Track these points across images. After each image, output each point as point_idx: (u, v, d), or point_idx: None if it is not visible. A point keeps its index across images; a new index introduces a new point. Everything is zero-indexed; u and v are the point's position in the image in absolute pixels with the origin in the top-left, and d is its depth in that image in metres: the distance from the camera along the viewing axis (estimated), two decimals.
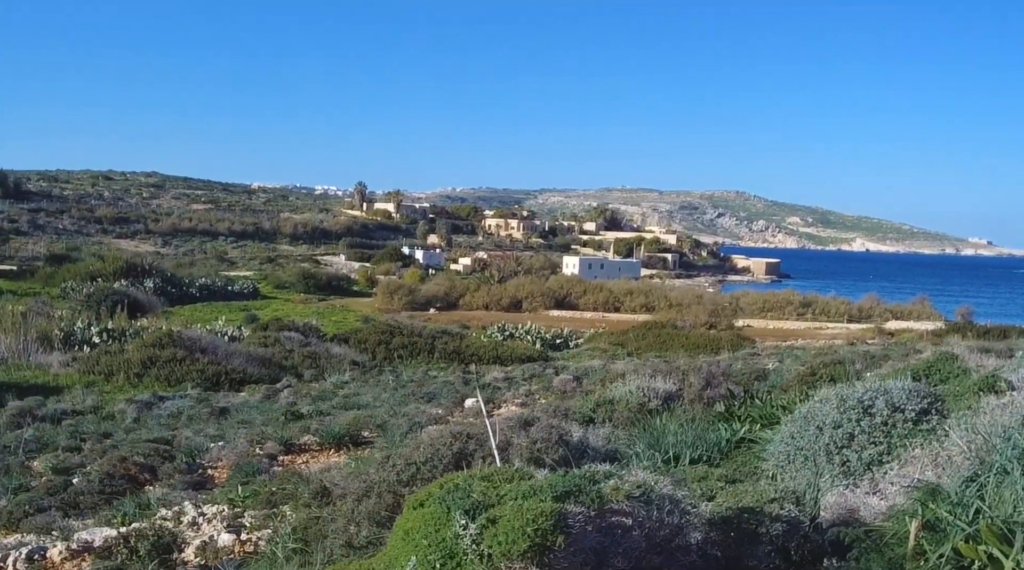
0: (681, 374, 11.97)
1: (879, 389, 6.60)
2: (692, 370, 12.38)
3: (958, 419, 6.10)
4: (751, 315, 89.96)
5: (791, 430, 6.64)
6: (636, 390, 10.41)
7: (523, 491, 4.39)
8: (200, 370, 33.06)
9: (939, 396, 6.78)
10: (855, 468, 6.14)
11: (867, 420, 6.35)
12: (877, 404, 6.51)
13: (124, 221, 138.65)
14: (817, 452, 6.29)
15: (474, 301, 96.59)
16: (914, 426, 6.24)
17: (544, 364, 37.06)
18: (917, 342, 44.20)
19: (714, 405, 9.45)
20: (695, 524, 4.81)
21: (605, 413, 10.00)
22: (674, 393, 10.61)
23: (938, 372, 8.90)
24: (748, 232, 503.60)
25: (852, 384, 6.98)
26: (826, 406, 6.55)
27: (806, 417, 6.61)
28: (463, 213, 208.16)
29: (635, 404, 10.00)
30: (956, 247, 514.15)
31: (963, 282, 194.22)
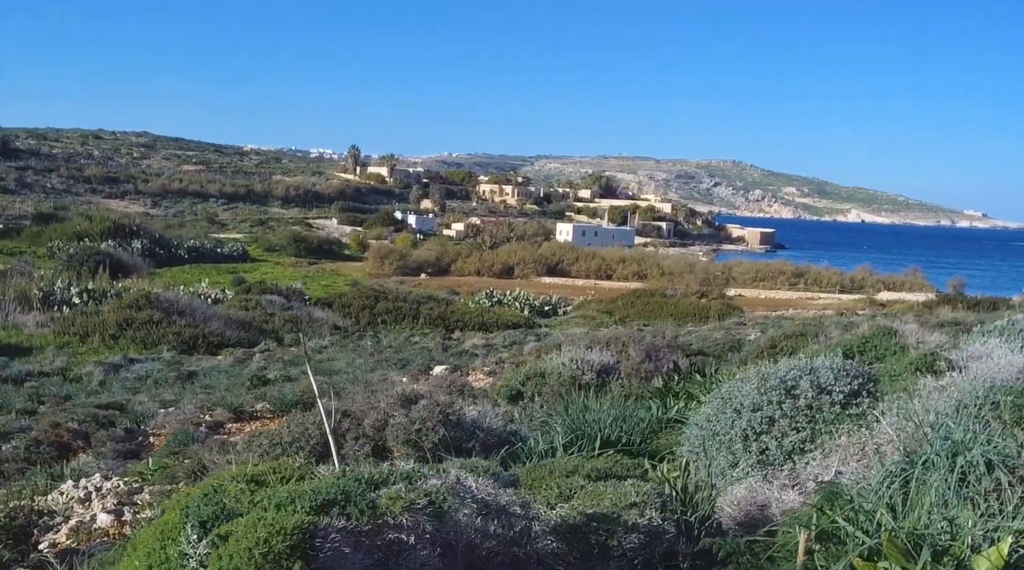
0: (621, 345, 11.27)
1: (804, 368, 5.90)
2: (633, 341, 11.68)
3: (891, 403, 5.41)
4: (743, 284, 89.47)
5: (708, 412, 5.95)
6: (569, 362, 9.70)
7: (279, 499, 3.57)
8: (177, 333, 32.51)
9: (872, 376, 6.06)
10: (774, 457, 5.40)
11: (790, 403, 5.67)
12: (801, 385, 5.79)
13: (113, 181, 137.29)
14: (733, 438, 5.58)
15: (465, 267, 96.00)
16: (842, 410, 5.57)
17: (527, 331, 36.49)
18: (905, 313, 43.71)
19: (653, 380, 8.71)
20: (528, 537, 4.01)
21: (535, 387, 9.36)
22: (612, 366, 9.91)
23: (874, 349, 8.09)
24: (744, 202, 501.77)
25: (802, 359, 6.32)
26: (746, 386, 5.83)
27: (724, 398, 5.90)
28: (457, 178, 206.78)
29: (567, 378, 9.33)
30: (951, 219, 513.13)
31: (957, 254, 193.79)
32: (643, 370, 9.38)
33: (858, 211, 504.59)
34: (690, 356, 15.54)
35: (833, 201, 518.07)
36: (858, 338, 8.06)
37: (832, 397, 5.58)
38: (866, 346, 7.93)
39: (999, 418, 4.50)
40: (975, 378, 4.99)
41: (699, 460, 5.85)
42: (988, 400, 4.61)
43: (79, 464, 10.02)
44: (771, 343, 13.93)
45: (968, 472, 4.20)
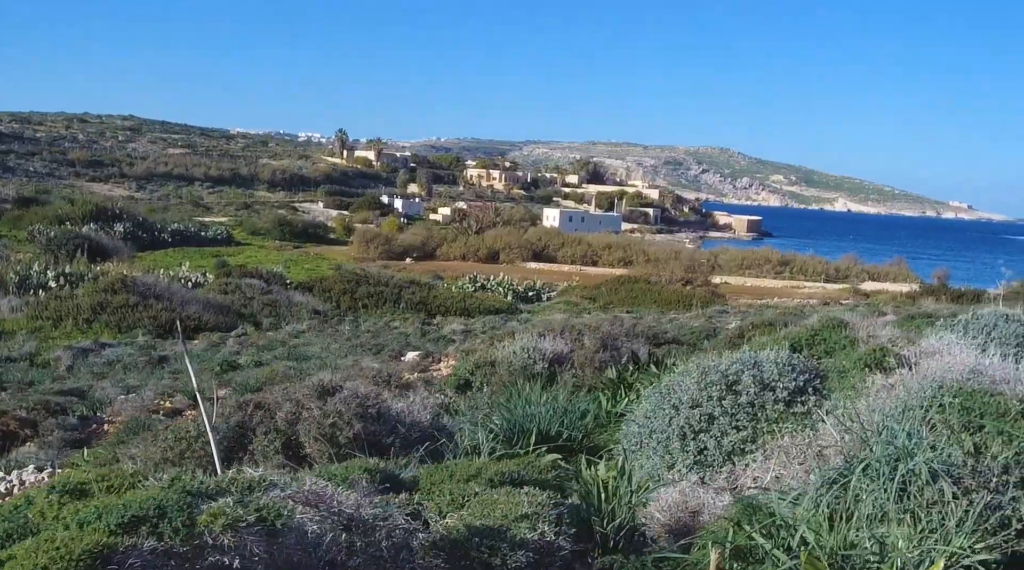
0: (576, 334, 10.93)
1: (748, 362, 5.56)
2: (589, 330, 11.35)
3: (837, 402, 5.07)
4: (729, 272, 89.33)
5: (647, 408, 5.58)
6: (520, 351, 9.35)
7: (84, 515, 3.01)
8: (152, 317, 32.14)
9: (820, 372, 5.74)
10: (713, 458, 5.07)
11: (731, 399, 5.33)
12: (743, 380, 5.42)
13: (98, 165, 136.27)
14: (671, 437, 5.23)
15: (451, 252, 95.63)
16: (786, 408, 5.26)
17: (507, 317, 36.23)
18: (886, 303, 43.67)
19: (606, 370, 8.34)
20: (407, 552, 3.54)
21: (484, 377, 9.03)
22: (565, 355, 9.54)
23: (823, 342, 7.50)
24: (732, 189, 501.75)
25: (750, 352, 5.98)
26: (686, 380, 5.48)
27: (663, 393, 5.53)
28: (445, 163, 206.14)
29: (518, 367, 8.97)
30: (937, 210, 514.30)
31: (942, 245, 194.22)
32: (597, 360, 9.00)
33: (845, 200, 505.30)
34: (663, 344, 15.30)
35: (820, 190, 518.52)
36: (807, 330, 7.61)
37: (776, 394, 5.27)
38: (815, 339, 7.42)
39: (946, 422, 4.15)
40: (923, 377, 4.62)
41: (636, 460, 5.46)
42: (935, 402, 4.25)
43: (19, 455, 9.69)
44: (739, 333, 13.65)
45: (910, 482, 3.84)
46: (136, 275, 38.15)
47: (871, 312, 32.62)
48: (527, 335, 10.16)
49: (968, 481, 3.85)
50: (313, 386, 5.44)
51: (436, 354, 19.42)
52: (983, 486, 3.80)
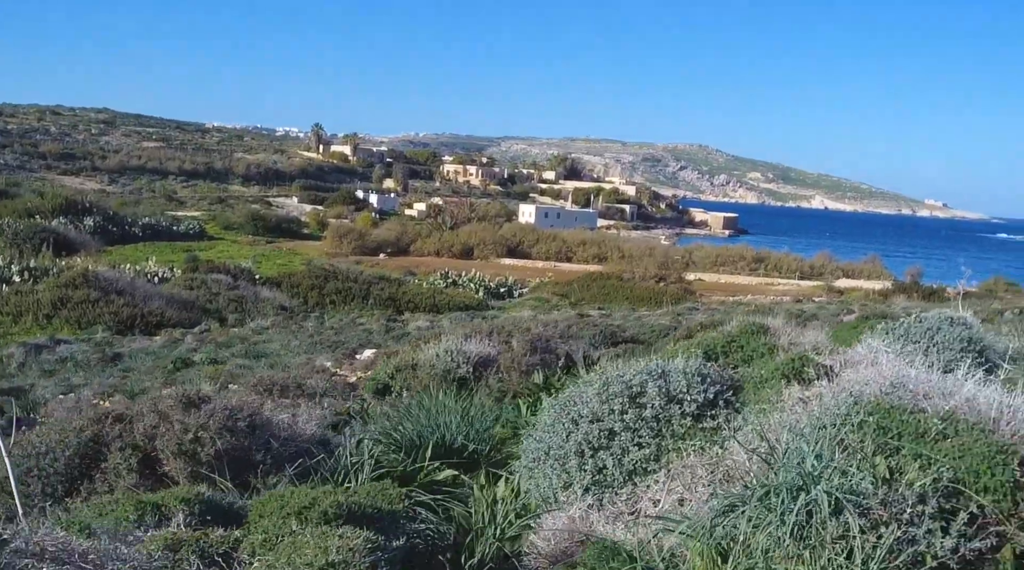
0: (506, 335, 10.59)
1: (655, 371, 5.09)
2: (518, 331, 11.02)
3: (749, 416, 4.74)
4: (704, 269, 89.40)
5: (546, 420, 5.20)
6: (444, 353, 8.99)
7: None
8: (114, 312, 31.67)
9: (735, 383, 5.30)
10: (613, 477, 4.62)
11: (634, 413, 4.85)
12: (648, 392, 4.94)
13: (70, 157, 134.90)
14: (568, 453, 4.75)
15: (425, 247, 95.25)
16: (694, 423, 4.82)
17: (475, 314, 35.92)
18: (858, 301, 43.70)
19: (533, 374, 7.95)
20: None
21: (404, 381, 8.65)
22: (492, 358, 9.18)
23: (740, 349, 7.04)
24: (709, 186, 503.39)
25: (669, 359, 5.61)
26: (588, 391, 5.13)
27: (563, 404, 5.15)
28: (422, 158, 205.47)
29: (441, 371, 8.61)
30: (912, 208, 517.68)
31: (916, 243, 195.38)
32: (525, 363, 8.64)
33: (822, 198, 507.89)
34: (621, 343, 15.02)
35: (797, 187, 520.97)
36: (723, 336, 7.21)
37: (683, 407, 4.89)
38: (731, 346, 6.88)
39: (861, 443, 3.80)
40: (841, 391, 4.25)
41: (533, 479, 5.05)
42: (849, 420, 3.90)
43: None
44: (688, 333, 13.34)
45: (813, 512, 3.50)
46: (99, 270, 37.58)
47: (841, 310, 32.56)
48: (451, 337, 9.79)
49: (878, 512, 3.53)
50: (178, 396, 5.03)
51: (394, 352, 19.04)
52: (895, 518, 3.49)
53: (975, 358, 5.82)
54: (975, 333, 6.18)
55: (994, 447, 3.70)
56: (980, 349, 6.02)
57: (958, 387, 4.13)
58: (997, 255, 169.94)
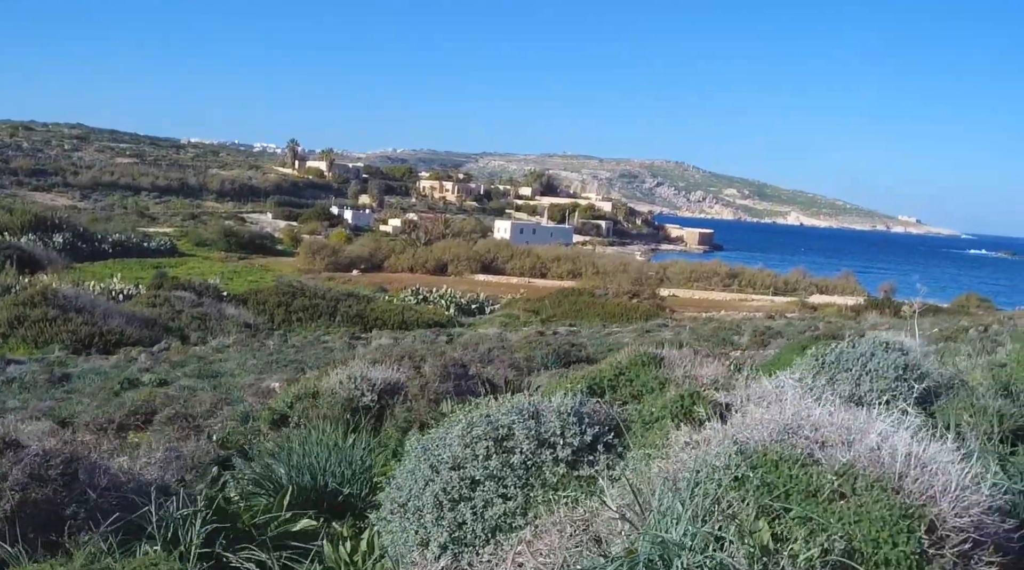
0: (419, 360, 10.16)
1: (526, 410, 4.51)
2: (431, 355, 10.63)
3: (631, 463, 4.24)
4: (678, 285, 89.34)
5: (408, 465, 4.67)
6: (347, 380, 8.58)
7: None
8: (72, 331, 31.15)
9: (622, 422, 4.71)
10: (474, 534, 4.06)
11: (500, 459, 4.30)
12: (516, 434, 4.39)
13: (42, 173, 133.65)
14: (425, 505, 4.17)
15: (399, 263, 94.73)
16: (569, 470, 4.27)
17: (440, 331, 35.53)
18: (830, 317, 43.63)
19: (442, 403, 7.44)
20: None
21: (303, 411, 8.19)
22: (400, 384, 8.68)
23: (630, 383, 6.35)
24: (686, 202, 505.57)
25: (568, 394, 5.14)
26: (451, 433, 4.44)
27: (424, 448, 4.63)
28: (398, 174, 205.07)
29: (343, 399, 8.16)
30: (886, 224, 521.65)
31: (889, 259, 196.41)
32: (434, 391, 8.16)
33: (797, 214, 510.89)
34: (574, 363, 14.65)
35: (773, 203, 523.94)
36: (611, 367, 6.64)
37: (557, 453, 4.36)
38: (620, 379, 6.35)
39: (743, 501, 3.27)
40: (724, 439, 3.68)
41: (389, 533, 4.48)
42: (730, 474, 3.38)
43: None
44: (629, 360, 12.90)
45: None
46: (59, 288, 36.96)
47: (809, 326, 32.39)
48: (357, 362, 9.34)
49: None
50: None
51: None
52: None
53: (910, 388, 5.44)
54: (912, 359, 5.77)
55: (897, 510, 3.16)
56: (918, 377, 5.63)
57: (864, 432, 3.57)
58: (970, 271, 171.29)
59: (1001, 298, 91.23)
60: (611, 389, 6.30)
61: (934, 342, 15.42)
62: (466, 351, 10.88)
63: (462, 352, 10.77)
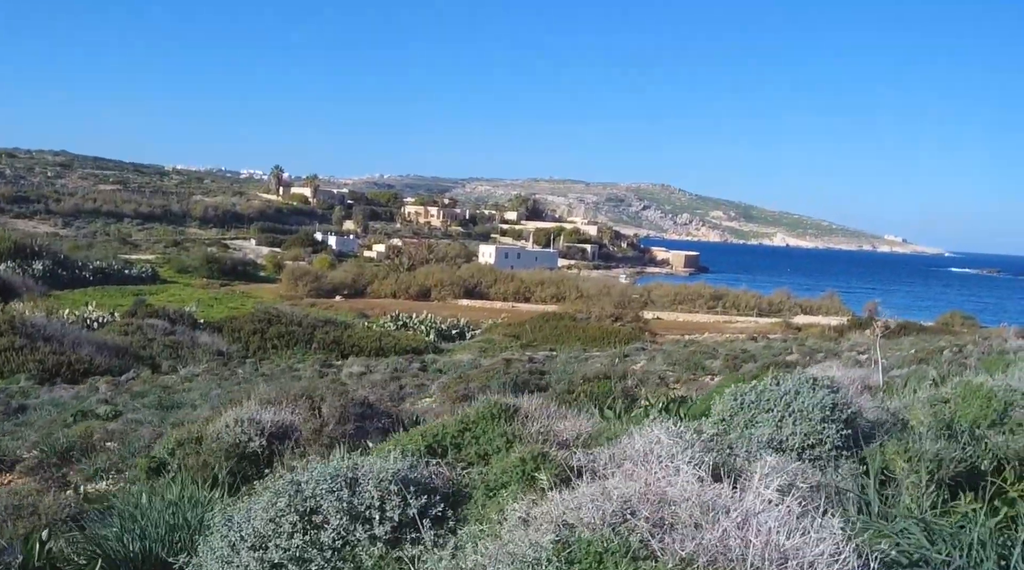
0: (319, 399, 9.63)
1: (341, 477, 3.91)
2: (332, 393, 10.15)
3: (465, 541, 3.52)
4: (662, 307, 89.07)
5: (210, 544, 3.89)
6: (233, 424, 8.01)
7: None
8: (39, 360, 30.64)
9: (460, 489, 4.23)
10: None
11: (306, 536, 3.70)
12: (325, 507, 3.79)
13: (24, 200, 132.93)
14: None
15: (382, 289, 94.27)
16: (389, 550, 3.71)
17: (414, 358, 35.08)
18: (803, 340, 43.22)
19: (335, 447, 6.81)
20: None
21: (184, 457, 7.56)
22: (294, 427, 8.09)
23: (476, 440, 5.48)
24: (672, 225, 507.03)
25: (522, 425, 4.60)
26: (257, 504, 3.87)
27: (229, 522, 3.90)
28: (383, 199, 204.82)
29: (229, 443, 7.60)
30: (872, 244, 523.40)
31: (876, 278, 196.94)
32: (330, 434, 7.59)
33: (783, 235, 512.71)
34: (535, 391, 14.26)
35: (759, 225, 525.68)
36: (456, 422, 5.69)
37: (374, 529, 3.78)
38: (464, 436, 5.55)
39: None
40: (551, 520, 3.11)
41: None
42: (554, 563, 2.83)
43: None
44: (568, 388, 12.35)
45: None
46: (29, 316, 36.41)
47: (785, 349, 32.12)
48: (248, 403, 8.80)
49: None
50: None
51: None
52: None
53: (838, 431, 4.97)
54: (842, 397, 5.28)
55: None
56: (848, 417, 5.16)
57: (726, 510, 3.01)
58: (957, 289, 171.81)
59: (987, 315, 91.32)
60: (455, 448, 5.54)
61: (907, 364, 15.12)
62: (374, 388, 10.43)
63: (370, 389, 10.31)
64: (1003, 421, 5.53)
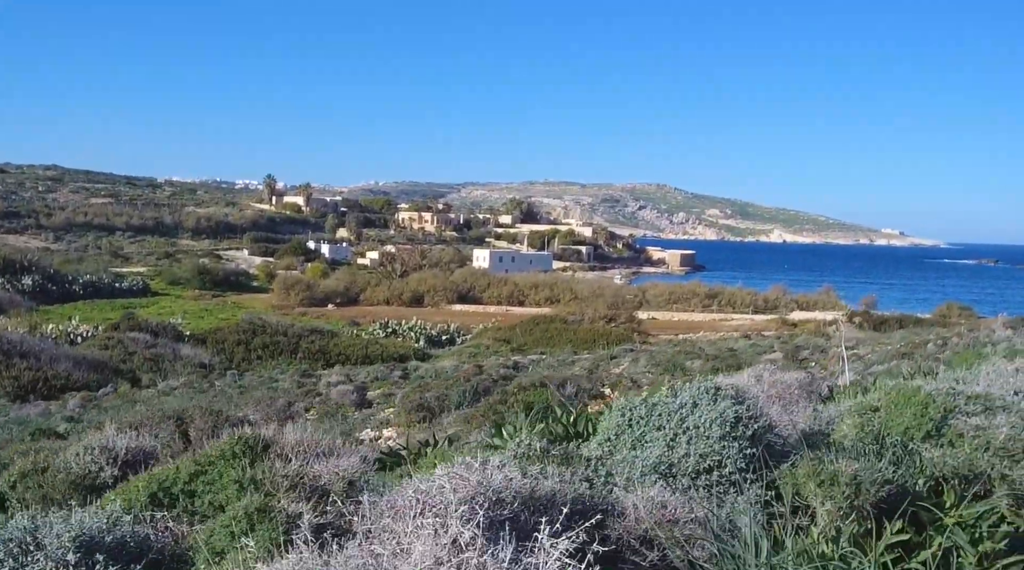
0: (189, 420, 9.00)
1: (17, 539, 3.19)
2: (201, 413, 9.55)
3: None
4: (657, 307, 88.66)
5: None
6: (84, 452, 7.34)
7: None
8: (14, 377, 30.14)
9: (183, 551, 3.53)
10: None
11: None
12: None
13: (14, 216, 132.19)
14: None
15: (375, 296, 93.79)
16: None
17: (395, 366, 34.55)
18: (794, 337, 42.86)
19: None
20: None
21: (26, 490, 6.84)
22: (153, 453, 7.44)
23: (210, 487, 4.64)
24: (669, 224, 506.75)
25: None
26: None
27: None
28: (376, 206, 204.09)
29: (78, 474, 6.94)
30: (870, 237, 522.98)
31: (875, 272, 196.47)
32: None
33: (780, 231, 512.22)
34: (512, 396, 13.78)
35: (756, 222, 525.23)
36: (190, 464, 4.86)
37: None
38: (197, 482, 4.78)
39: None
40: None
41: None
42: None
43: None
44: (502, 398, 11.74)
45: None
46: (5, 332, 35.85)
47: (768, 347, 31.62)
48: (107, 428, 8.08)
49: None
50: None
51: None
52: None
53: (740, 450, 4.11)
54: (747, 409, 4.54)
55: None
56: (755, 433, 4.37)
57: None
58: (955, 280, 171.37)
59: (986, 306, 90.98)
60: (187, 496, 4.66)
61: (890, 359, 14.59)
62: (259, 406, 9.88)
63: (254, 407, 9.79)
64: (941, 432, 4.87)
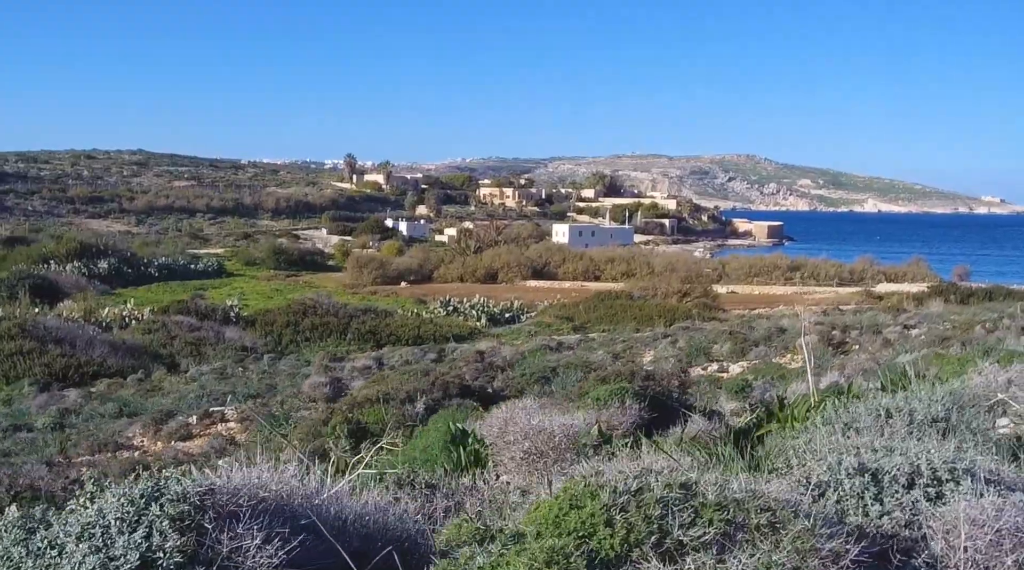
0: None
1: None
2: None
3: None
4: (737, 280, 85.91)
5: None
6: None
7: None
8: (46, 364, 29.39)
9: None
10: None
11: None
12: None
13: (99, 201, 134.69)
14: None
15: (448, 273, 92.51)
16: None
17: (432, 347, 32.99)
18: (866, 310, 40.10)
19: None
20: None
21: None
22: None
23: None
24: (759, 195, 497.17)
25: None
26: None
27: None
28: (457, 183, 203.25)
29: None
30: (969, 205, 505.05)
31: (973, 241, 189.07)
32: None
33: (874, 201, 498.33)
34: (473, 395, 12.09)
35: (849, 191, 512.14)
36: None
37: None
38: None
39: None
40: None
41: None
42: None
43: None
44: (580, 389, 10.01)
45: None
46: (41, 318, 35.28)
47: (834, 322, 29.24)
48: None
49: None
50: None
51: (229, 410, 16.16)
52: None
53: None
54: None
55: None
56: None
57: None
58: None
59: None
60: None
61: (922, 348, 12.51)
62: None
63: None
64: None
